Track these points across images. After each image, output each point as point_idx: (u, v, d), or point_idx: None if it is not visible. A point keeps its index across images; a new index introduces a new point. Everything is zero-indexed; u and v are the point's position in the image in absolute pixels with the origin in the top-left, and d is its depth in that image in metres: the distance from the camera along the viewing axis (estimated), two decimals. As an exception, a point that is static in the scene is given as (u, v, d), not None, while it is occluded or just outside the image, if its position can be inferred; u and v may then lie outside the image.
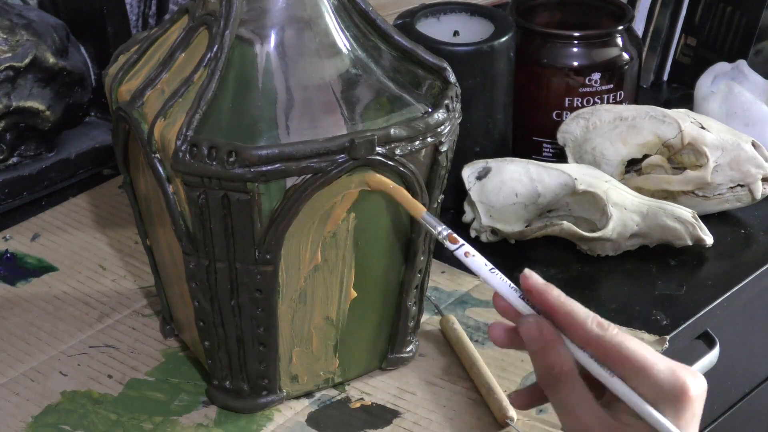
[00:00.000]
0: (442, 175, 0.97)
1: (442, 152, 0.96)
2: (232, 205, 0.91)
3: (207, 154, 0.90)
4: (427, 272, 1.02)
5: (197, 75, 0.93)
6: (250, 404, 1.00)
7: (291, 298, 0.96)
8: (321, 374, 1.01)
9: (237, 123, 0.91)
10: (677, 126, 1.21)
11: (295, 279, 0.96)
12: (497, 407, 0.98)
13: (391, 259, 0.99)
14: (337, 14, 0.96)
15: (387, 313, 1.02)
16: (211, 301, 0.96)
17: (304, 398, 1.01)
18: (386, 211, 0.97)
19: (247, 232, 0.92)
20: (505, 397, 0.99)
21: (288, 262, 0.95)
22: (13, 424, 0.98)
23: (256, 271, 0.94)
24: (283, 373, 0.99)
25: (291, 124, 0.92)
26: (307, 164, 0.91)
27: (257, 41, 0.94)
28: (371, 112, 0.94)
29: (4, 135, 1.26)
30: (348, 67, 0.95)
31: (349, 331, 1.00)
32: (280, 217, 0.92)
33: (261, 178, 0.90)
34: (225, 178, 0.90)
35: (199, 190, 0.91)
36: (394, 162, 0.93)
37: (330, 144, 0.91)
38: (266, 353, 0.97)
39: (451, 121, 0.96)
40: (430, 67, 0.99)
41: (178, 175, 0.92)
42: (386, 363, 1.04)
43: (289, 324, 0.97)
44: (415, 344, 1.05)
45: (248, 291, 0.95)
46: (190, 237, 0.94)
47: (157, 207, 0.98)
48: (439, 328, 1.09)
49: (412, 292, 1.01)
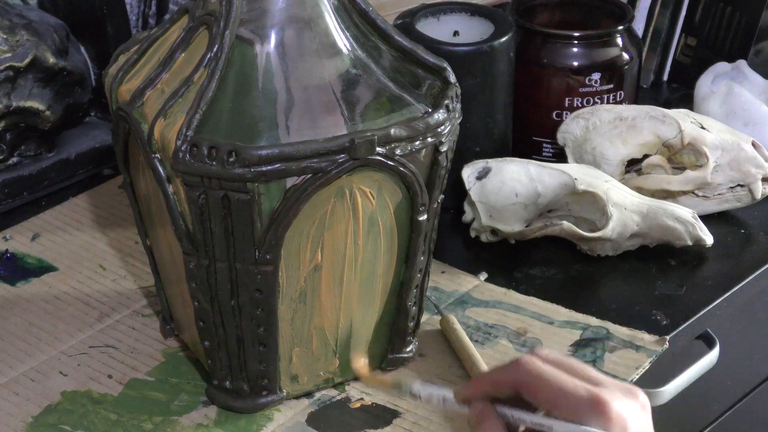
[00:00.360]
0: (442, 175, 0.97)
1: (442, 152, 0.96)
2: (232, 205, 0.91)
3: (207, 154, 0.90)
4: (427, 272, 1.02)
5: (197, 75, 0.93)
6: (250, 404, 1.00)
7: (291, 298, 0.96)
8: (321, 374, 1.01)
9: (237, 123, 0.91)
10: (677, 126, 1.21)
11: (295, 279, 0.96)
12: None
13: (391, 259, 0.99)
14: (337, 14, 0.96)
15: (387, 313, 1.02)
16: (211, 301, 0.96)
17: (304, 398, 1.01)
18: (387, 211, 0.97)
19: (247, 232, 0.92)
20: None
21: (288, 262, 0.95)
22: (13, 424, 0.98)
23: (256, 271, 0.94)
24: (283, 373, 0.99)
25: (291, 124, 0.92)
26: (307, 164, 0.91)
27: (257, 41, 0.94)
28: (371, 112, 0.94)
29: (4, 135, 1.26)
30: (348, 67, 0.95)
31: (349, 331, 1.00)
32: (280, 217, 0.92)
33: (261, 178, 0.90)
34: (225, 178, 0.90)
35: (199, 190, 0.91)
36: (394, 162, 0.93)
37: (330, 144, 0.91)
38: (266, 353, 0.97)
39: (451, 121, 0.96)
40: (430, 67, 0.99)
41: (178, 175, 0.92)
42: (386, 363, 1.04)
43: (289, 324, 0.97)
44: (415, 344, 1.05)
45: (248, 291, 0.95)
46: (190, 237, 0.94)
47: (157, 207, 0.98)
48: (439, 328, 1.09)
49: (412, 292, 1.01)
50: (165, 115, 0.93)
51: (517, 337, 1.08)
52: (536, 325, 1.09)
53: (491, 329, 1.09)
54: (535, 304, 1.12)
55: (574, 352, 1.06)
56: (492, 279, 1.16)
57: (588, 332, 1.08)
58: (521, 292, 1.14)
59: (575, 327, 1.09)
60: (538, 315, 1.11)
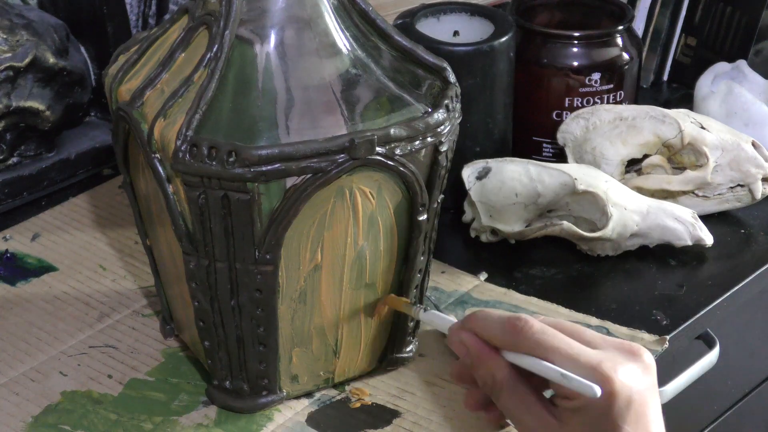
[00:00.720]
0: (442, 175, 0.97)
1: (442, 152, 0.96)
2: (232, 205, 0.91)
3: (207, 154, 0.90)
4: (427, 272, 1.02)
5: (197, 75, 0.93)
6: (250, 404, 1.00)
7: (291, 298, 0.96)
8: (321, 374, 1.01)
9: (237, 123, 0.91)
10: (677, 126, 1.21)
11: (295, 279, 0.96)
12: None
13: (391, 259, 0.99)
14: (337, 14, 0.96)
15: (387, 313, 1.01)
16: (211, 301, 0.96)
17: (304, 398, 1.01)
18: (386, 211, 0.97)
19: (246, 232, 0.92)
20: None
21: (288, 262, 0.95)
22: (13, 424, 0.98)
23: (255, 271, 0.94)
24: (283, 373, 0.99)
25: (291, 124, 0.92)
26: (307, 164, 0.91)
27: (257, 41, 0.94)
28: (371, 112, 0.94)
29: (4, 135, 1.26)
30: (348, 67, 0.95)
31: (349, 331, 1.00)
32: (280, 217, 0.92)
33: (261, 178, 0.90)
34: (225, 178, 0.90)
35: (199, 190, 0.91)
36: (393, 162, 0.93)
37: (330, 144, 0.91)
38: (266, 353, 0.97)
39: (451, 121, 0.96)
40: (429, 67, 0.98)
41: (177, 175, 0.92)
42: (386, 363, 1.04)
43: (289, 324, 0.97)
44: (415, 344, 1.05)
45: (248, 291, 0.95)
46: (189, 237, 0.94)
47: (157, 207, 0.98)
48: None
49: (412, 292, 1.01)
50: (165, 115, 0.93)
51: (517, 337, 1.08)
52: (536, 325, 1.09)
53: (491, 329, 1.09)
54: (535, 303, 1.12)
55: (574, 352, 1.06)
56: (492, 279, 1.16)
57: (588, 332, 1.08)
58: (521, 292, 1.14)
59: (575, 327, 1.09)
60: (538, 315, 1.10)
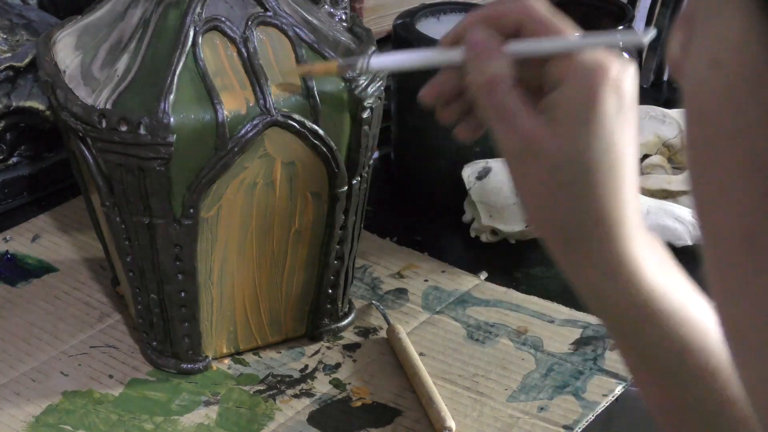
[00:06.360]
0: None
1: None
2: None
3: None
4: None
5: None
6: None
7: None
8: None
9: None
10: (677, 126, 1.21)
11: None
12: (436, 417, 0.98)
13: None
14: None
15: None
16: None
17: (304, 397, 1.01)
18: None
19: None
20: (444, 407, 0.98)
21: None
22: (14, 424, 0.98)
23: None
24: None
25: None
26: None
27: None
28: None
29: (4, 135, 1.26)
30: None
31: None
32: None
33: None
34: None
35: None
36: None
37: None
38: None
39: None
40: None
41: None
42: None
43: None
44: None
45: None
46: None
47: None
48: (439, 327, 1.09)
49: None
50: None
51: (517, 336, 1.08)
52: (537, 324, 1.09)
53: (492, 328, 1.09)
54: (536, 302, 1.12)
55: (575, 350, 1.06)
56: (492, 279, 1.16)
57: (588, 330, 1.08)
58: (522, 292, 1.14)
59: (576, 325, 1.09)
60: (538, 314, 1.11)
